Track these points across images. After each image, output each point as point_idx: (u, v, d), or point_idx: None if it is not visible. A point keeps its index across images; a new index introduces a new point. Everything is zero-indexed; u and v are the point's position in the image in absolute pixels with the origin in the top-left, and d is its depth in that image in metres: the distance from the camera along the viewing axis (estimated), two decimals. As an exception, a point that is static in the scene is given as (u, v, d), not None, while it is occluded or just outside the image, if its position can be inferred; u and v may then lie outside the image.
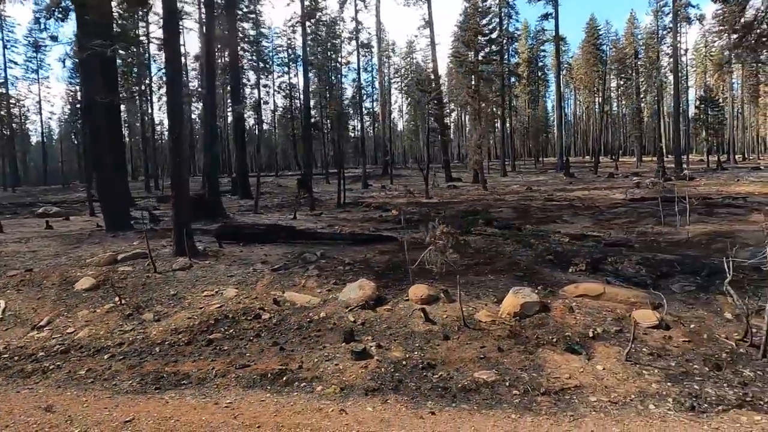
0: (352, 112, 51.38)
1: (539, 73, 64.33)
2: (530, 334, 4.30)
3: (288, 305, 5.31)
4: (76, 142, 48.07)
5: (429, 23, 36.63)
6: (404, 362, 3.90)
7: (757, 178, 24.94)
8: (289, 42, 51.42)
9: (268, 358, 4.06)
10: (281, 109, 58.00)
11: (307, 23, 40.92)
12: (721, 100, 56.71)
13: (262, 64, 51.86)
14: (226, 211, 14.06)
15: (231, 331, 4.69)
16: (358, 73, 48.57)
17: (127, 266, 6.90)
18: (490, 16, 40.01)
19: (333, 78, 58.55)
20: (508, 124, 55.07)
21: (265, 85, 55.92)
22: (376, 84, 52.22)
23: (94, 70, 9.93)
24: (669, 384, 3.44)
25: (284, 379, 3.65)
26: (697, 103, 44.97)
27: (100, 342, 4.62)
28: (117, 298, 5.57)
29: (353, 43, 45.07)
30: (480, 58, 30.61)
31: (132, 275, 6.57)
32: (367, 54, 53.81)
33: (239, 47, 27.39)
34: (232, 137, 38.31)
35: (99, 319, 5.20)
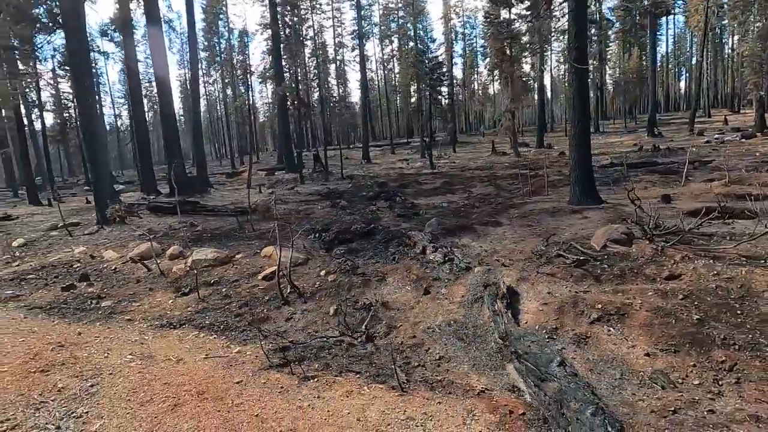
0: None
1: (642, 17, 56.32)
2: (185, 279, 6.05)
3: (98, 259, 7.70)
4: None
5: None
6: (87, 294, 6.00)
7: None
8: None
9: (47, 290, 6.44)
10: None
11: None
12: None
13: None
14: (209, 188, 17.10)
15: (42, 273, 7.22)
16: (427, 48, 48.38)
17: (56, 231, 9.98)
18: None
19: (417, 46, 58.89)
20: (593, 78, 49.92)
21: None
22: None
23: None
24: (193, 311, 5.03)
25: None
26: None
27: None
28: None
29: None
30: (513, 15, 29.13)
31: (57, 239, 9.59)
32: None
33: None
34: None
35: None
